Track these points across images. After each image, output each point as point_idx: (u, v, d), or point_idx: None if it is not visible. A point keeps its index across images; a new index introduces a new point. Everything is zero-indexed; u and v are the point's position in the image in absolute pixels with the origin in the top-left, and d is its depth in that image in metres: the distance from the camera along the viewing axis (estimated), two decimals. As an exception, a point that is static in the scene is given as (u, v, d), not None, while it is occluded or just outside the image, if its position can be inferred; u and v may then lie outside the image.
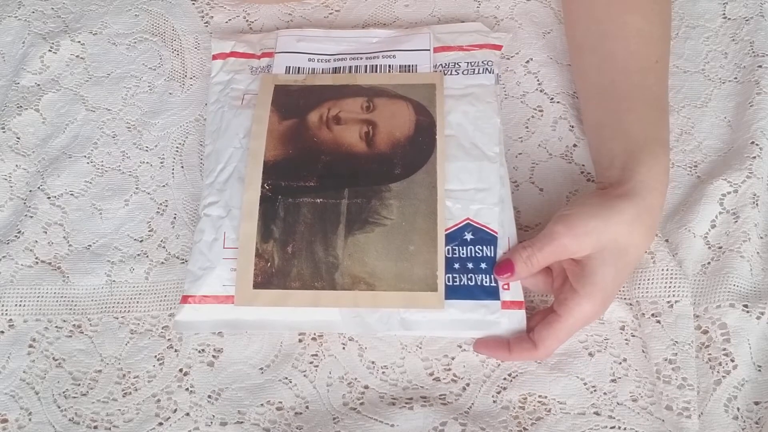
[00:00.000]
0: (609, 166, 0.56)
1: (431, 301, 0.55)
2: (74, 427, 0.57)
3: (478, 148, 0.60)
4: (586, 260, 0.53)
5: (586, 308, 0.52)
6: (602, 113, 0.59)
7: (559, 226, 0.53)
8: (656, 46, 0.59)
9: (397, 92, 0.62)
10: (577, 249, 0.52)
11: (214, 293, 0.57)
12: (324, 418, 0.56)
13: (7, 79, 0.70)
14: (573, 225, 0.53)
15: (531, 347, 0.54)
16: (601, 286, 0.52)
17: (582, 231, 0.52)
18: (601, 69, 0.60)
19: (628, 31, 0.59)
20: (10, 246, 0.62)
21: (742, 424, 0.54)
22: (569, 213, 0.53)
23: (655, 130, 0.57)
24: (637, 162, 0.55)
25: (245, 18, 0.71)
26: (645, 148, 0.55)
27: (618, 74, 0.59)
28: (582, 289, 0.52)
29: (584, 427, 0.54)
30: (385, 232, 0.57)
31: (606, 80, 0.59)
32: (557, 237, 0.53)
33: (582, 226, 0.52)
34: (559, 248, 0.53)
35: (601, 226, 0.52)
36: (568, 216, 0.53)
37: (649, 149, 0.55)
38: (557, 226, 0.53)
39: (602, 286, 0.52)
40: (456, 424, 0.54)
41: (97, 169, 0.65)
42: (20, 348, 0.59)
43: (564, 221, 0.53)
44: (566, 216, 0.53)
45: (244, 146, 0.61)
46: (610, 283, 0.53)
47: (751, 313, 0.56)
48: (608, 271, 0.52)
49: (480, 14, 0.70)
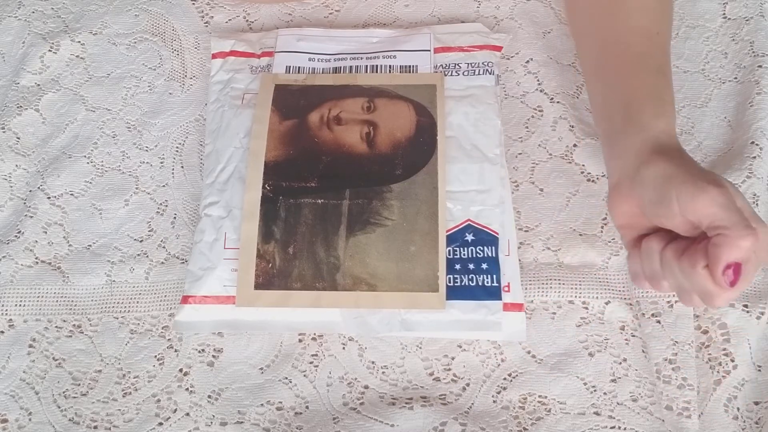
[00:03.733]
0: (611, 120, 0.55)
1: (432, 301, 0.55)
2: (74, 427, 0.57)
3: (478, 150, 0.60)
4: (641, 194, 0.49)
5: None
6: (603, 85, 0.58)
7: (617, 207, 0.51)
8: (656, 19, 0.58)
9: (398, 93, 0.62)
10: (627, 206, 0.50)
11: (215, 293, 0.57)
12: (324, 418, 0.56)
13: (7, 79, 0.69)
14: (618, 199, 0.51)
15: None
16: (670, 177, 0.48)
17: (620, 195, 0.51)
18: (601, 43, 0.59)
19: (627, 5, 0.58)
20: (10, 246, 0.62)
21: (742, 424, 0.55)
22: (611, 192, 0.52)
23: (658, 93, 0.54)
24: (640, 110, 0.52)
25: (245, 18, 0.71)
26: (648, 102, 0.53)
27: (618, 45, 0.57)
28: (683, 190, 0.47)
29: (584, 427, 0.54)
30: (387, 232, 0.57)
31: (606, 53, 0.58)
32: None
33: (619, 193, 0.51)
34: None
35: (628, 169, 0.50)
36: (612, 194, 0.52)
37: (652, 103, 0.53)
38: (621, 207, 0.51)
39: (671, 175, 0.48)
40: (456, 424, 0.54)
41: (97, 169, 0.65)
42: (20, 348, 0.59)
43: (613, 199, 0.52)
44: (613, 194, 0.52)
45: (244, 146, 0.61)
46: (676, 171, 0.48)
47: (751, 313, 0.57)
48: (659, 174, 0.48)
49: (480, 14, 0.70)
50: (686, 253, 0.46)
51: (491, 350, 0.57)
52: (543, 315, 0.58)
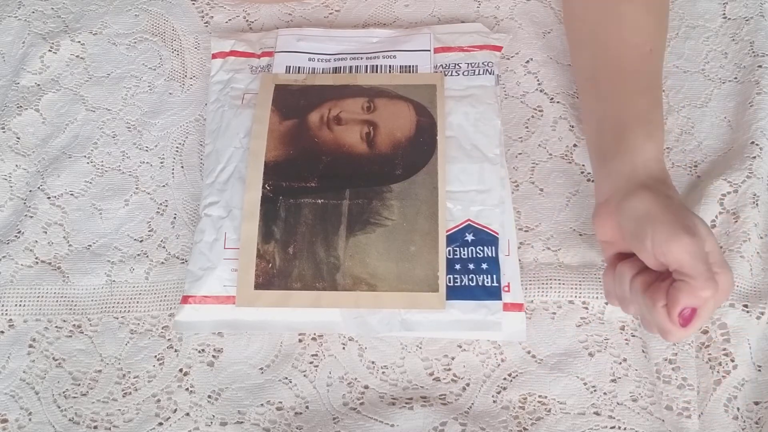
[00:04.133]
0: (602, 136, 0.56)
1: (432, 301, 0.55)
2: (74, 427, 0.57)
3: (478, 150, 0.60)
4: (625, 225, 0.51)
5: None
6: (596, 100, 0.59)
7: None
8: (651, 36, 0.59)
9: (398, 93, 0.62)
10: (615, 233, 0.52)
11: (215, 293, 0.57)
12: (324, 418, 0.56)
13: (7, 79, 0.69)
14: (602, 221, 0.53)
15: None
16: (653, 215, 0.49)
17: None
18: (595, 58, 0.59)
19: (622, 21, 0.58)
20: (10, 246, 0.62)
21: (742, 424, 0.55)
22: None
23: (649, 115, 0.55)
24: (631, 133, 0.54)
25: (245, 18, 0.71)
26: (639, 125, 0.54)
27: (611, 61, 0.58)
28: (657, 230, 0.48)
29: (584, 427, 0.54)
30: (387, 232, 0.57)
31: (599, 68, 0.59)
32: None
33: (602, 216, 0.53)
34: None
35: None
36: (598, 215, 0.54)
37: (643, 127, 0.54)
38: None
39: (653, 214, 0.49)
40: (456, 424, 0.54)
41: (97, 169, 0.65)
42: (20, 348, 0.59)
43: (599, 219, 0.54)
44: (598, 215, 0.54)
45: (244, 146, 0.61)
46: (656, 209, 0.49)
47: (751, 313, 0.57)
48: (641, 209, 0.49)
49: (480, 14, 0.70)
50: (650, 288, 0.48)
51: (491, 350, 0.57)
52: (543, 315, 0.58)
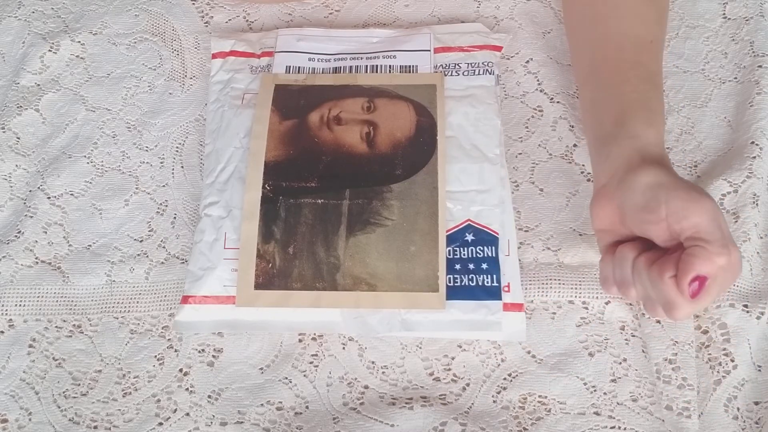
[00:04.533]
0: (601, 124, 0.55)
1: (432, 301, 0.55)
2: (74, 427, 0.57)
3: (478, 150, 0.60)
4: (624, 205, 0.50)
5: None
6: (595, 90, 0.58)
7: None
8: (651, 27, 0.59)
9: (398, 93, 0.62)
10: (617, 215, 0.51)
11: (215, 293, 0.57)
12: (324, 418, 0.56)
13: (7, 79, 0.69)
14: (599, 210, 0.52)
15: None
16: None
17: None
18: (595, 49, 0.59)
19: (621, 12, 0.58)
20: (10, 246, 0.62)
21: (742, 424, 0.55)
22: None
23: (649, 102, 0.55)
24: (632, 117, 0.53)
25: (245, 18, 0.71)
26: (640, 111, 0.53)
27: (611, 52, 0.57)
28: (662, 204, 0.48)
29: (584, 427, 0.54)
30: (387, 232, 0.57)
31: (599, 58, 0.58)
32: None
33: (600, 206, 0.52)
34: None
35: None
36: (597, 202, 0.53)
37: (644, 112, 0.53)
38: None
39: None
40: (456, 424, 0.54)
41: (97, 169, 0.65)
42: (20, 348, 0.59)
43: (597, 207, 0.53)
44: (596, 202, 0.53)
45: (244, 146, 0.61)
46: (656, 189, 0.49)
47: (751, 313, 0.57)
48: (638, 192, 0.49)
49: (480, 14, 0.70)
50: (657, 262, 0.47)
51: (491, 350, 0.57)
52: (543, 315, 0.58)
